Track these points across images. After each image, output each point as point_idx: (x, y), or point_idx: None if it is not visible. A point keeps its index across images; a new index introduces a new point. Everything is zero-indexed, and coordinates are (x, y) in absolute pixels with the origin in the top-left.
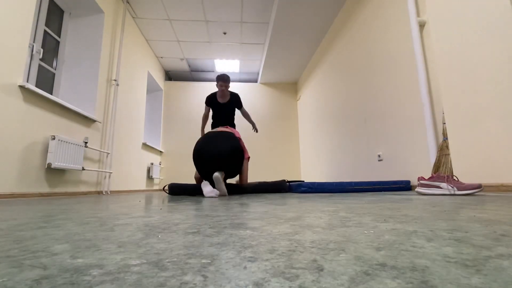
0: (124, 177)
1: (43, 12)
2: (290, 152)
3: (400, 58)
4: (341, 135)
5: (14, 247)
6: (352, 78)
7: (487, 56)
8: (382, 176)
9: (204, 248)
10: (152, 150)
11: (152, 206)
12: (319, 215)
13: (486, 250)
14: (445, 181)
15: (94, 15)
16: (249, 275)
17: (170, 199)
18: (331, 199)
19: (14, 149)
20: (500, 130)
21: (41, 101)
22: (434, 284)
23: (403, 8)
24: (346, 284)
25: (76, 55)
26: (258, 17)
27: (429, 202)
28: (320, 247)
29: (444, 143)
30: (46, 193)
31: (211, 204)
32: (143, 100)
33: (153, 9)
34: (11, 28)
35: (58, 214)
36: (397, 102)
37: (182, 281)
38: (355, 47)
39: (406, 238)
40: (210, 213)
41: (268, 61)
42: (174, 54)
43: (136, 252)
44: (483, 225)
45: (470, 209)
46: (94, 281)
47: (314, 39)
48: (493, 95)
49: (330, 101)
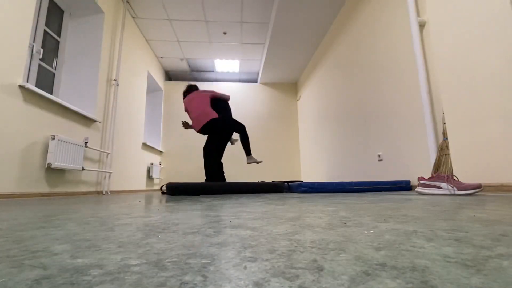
0: (124, 177)
1: (43, 12)
2: (290, 152)
3: (400, 58)
4: (341, 135)
5: (14, 247)
6: (352, 78)
7: (487, 56)
8: (382, 176)
9: (204, 248)
10: (152, 150)
11: (152, 206)
12: (319, 215)
13: (486, 250)
14: (445, 181)
15: (94, 15)
16: (249, 275)
17: (170, 199)
18: (331, 199)
19: (14, 149)
20: (500, 130)
21: (41, 101)
22: (434, 284)
23: (403, 8)
24: (346, 284)
25: (76, 55)
26: (258, 17)
27: (429, 202)
28: (320, 247)
29: (444, 143)
30: (46, 193)
31: (211, 204)
32: (143, 100)
33: (153, 9)
34: (11, 28)
35: (58, 214)
36: (397, 102)
37: (182, 281)
38: (355, 47)
39: (406, 238)
40: (210, 213)
41: (268, 61)
42: (174, 54)
43: (136, 252)
44: (483, 225)
45: (470, 209)
46: (94, 281)
47: (314, 39)
48: (493, 95)
49: (330, 101)
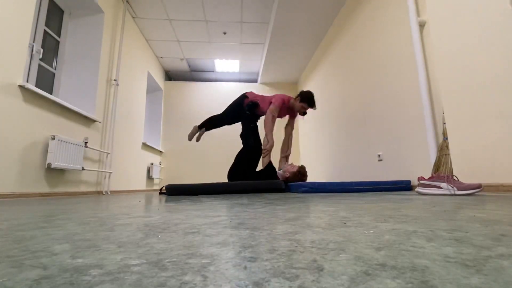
0: (124, 177)
1: (43, 12)
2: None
3: (400, 58)
4: (341, 135)
5: (14, 247)
6: (352, 78)
7: (487, 55)
8: (382, 176)
9: (204, 248)
10: (152, 150)
11: (152, 206)
12: (319, 215)
13: (486, 250)
14: (445, 181)
15: (94, 15)
16: (249, 275)
17: (169, 200)
18: (331, 199)
19: (14, 149)
20: (500, 130)
21: (41, 101)
22: (434, 284)
23: (403, 8)
24: (346, 284)
25: (76, 55)
26: (258, 17)
27: (429, 202)
28: (320, 247)
29: (444, 143)
30: (46, 193)
31: (211, 204)
32: (143, 100)
33: (153, 9)
34: (11, 28)
35: (58, 214)
36: (397, 102)
37: (182, 281)
38: (355, 47)
39: (406, 238)
40: (210, 213)
41: (268, 61)
42: (174, 54)
43: (136, 252)
44: (483, 225)
45: (470, 209)
46: (94, 281)
47: (314, 39)
48: (493, 95)
49: (330, 101)
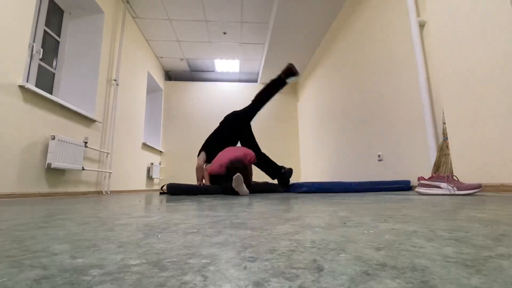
0: (124, 177)
1: (43, 12)
2: (290, 152)
3: (400, 58)
4: (341, 135)
5: (14, 247)
6: (352, 78)
7: (487, 56)
8: (382, 176)
9: (204, 248)
10: (152, 150)
11: (152, 206)
12: (319, 215)
13: (486, 250)
14: (445, 181)
15: (94, 15)
16: (249, 275)
17: (169, 199)
18: (331, 199)
19: (14, 149)
20: (500, 130)
21: (41, 101)
22: (434, 284)
23: (403, 8)
24: (346, 284)
25: (76, 55)
26: (258, 17)
27: (429, 202)
28: (320, 247)
29: (444, 143)
30: (46, 193)
31: (211, 204)
32: (143, 100)
33: (153, 9)
34: (11, 28)
35: (58, 214)
36: (397, 102)
37: (182, 281)
38: (355, 47)
39: (406, 238)
40: (210, 213)
41: (268, 61)
42: (174, 54)
43: (136, 252)
44: (483, 225)
45: (470, 209)
46: (94, 281)
47: (314, 39)
48: (493, 95)
49: (330, 101)
